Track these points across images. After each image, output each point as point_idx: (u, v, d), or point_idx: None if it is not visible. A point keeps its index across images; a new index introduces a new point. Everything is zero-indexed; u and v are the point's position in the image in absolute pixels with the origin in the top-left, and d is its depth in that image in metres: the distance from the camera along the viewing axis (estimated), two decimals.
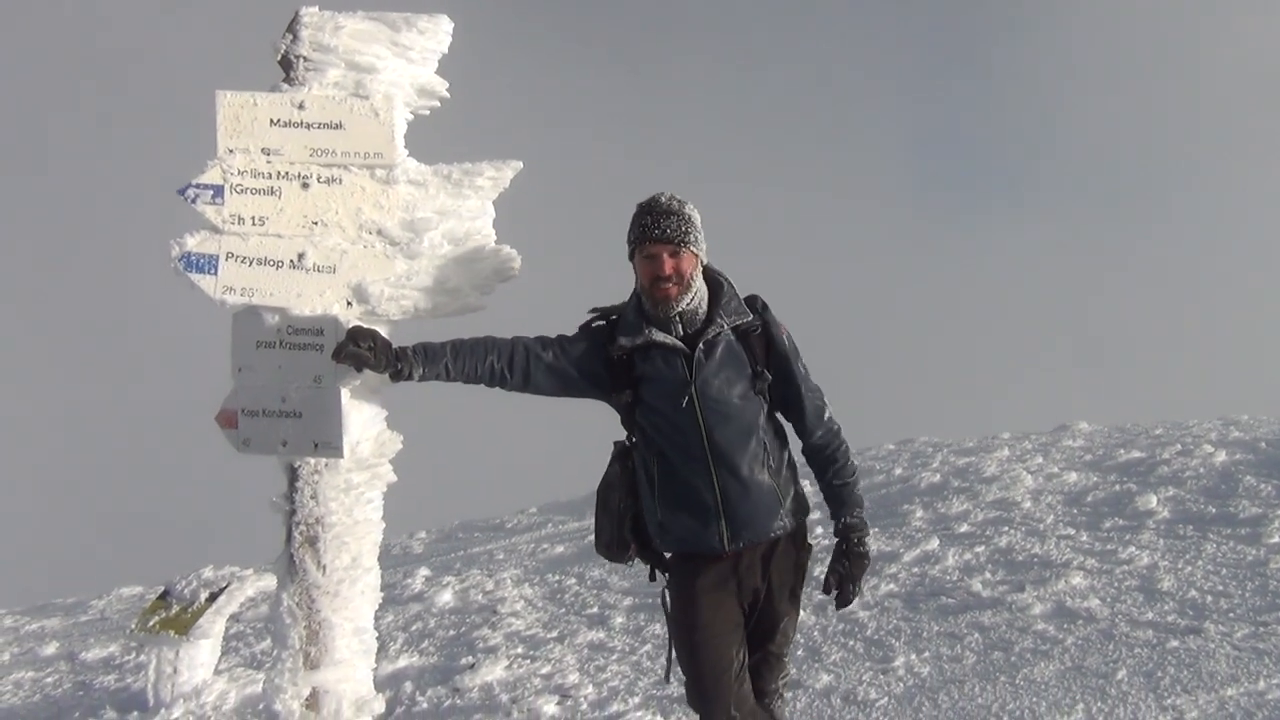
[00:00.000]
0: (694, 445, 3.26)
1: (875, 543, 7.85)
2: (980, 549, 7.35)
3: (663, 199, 3.31)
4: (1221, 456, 9.23)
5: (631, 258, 3.36)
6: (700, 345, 3.28)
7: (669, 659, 3.63)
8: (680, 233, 3.25)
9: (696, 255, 3.31)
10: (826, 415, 3.48)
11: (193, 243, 3.29)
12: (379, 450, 3.40)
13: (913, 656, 5.42)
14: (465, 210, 3.49)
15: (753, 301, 3.46)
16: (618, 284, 3.61)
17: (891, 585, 6.79)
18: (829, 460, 3.49)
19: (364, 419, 3.37)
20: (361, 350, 3.04)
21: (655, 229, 3.25)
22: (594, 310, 3.48)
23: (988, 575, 6.73)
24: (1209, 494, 8.14)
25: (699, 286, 3.34)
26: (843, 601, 3.45)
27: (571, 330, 3.46)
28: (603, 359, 3.35)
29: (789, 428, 3.54)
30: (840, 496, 3.49)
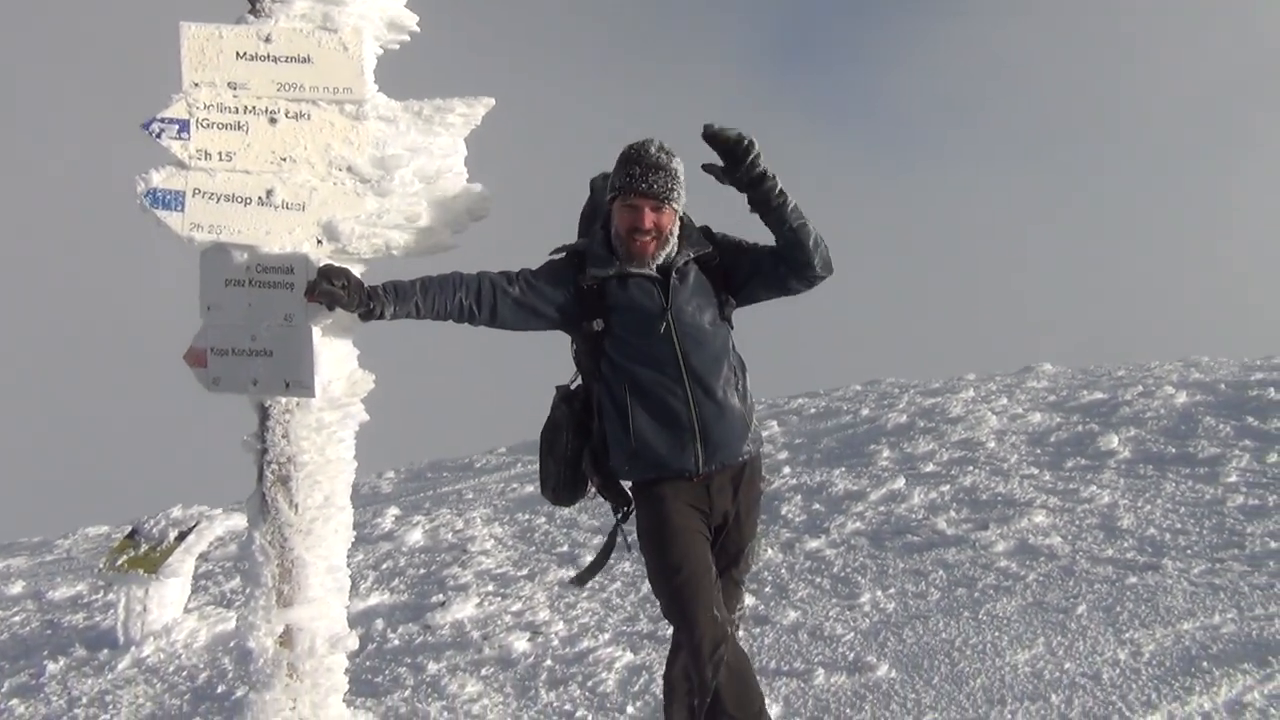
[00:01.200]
0: (670, 370, 3.32)
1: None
2: (945, 488, 7.46)
3: (652, 149, 3.26)
4: (1182, 398, 9.38)
5: (611, 201, 3.35)
6: (674, 273, 3.34)
7: (593, 568, 3.69)
8: (666, 189, 3.24)
9: (677, 211, 3.34)
10: None
11: (159, 178, 3.21)
12: (351, 389, 3.39)
13: (878, 593, 5.52)
14: (436, 147, 3.43)
15: (706, 232, 3.51)
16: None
17: (858, 524, 6.89)
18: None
19: (335, 358, 3.34)
20: (335, 288, 3.01)
21: (642, 182, 3.22)
22: (557, 250, 3.47)
23: (952, 514, 6.85)
24: (1169, 434, 8.28)
25: (674, 241, 3.37)
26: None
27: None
28: (571, 290, 3.37)
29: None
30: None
